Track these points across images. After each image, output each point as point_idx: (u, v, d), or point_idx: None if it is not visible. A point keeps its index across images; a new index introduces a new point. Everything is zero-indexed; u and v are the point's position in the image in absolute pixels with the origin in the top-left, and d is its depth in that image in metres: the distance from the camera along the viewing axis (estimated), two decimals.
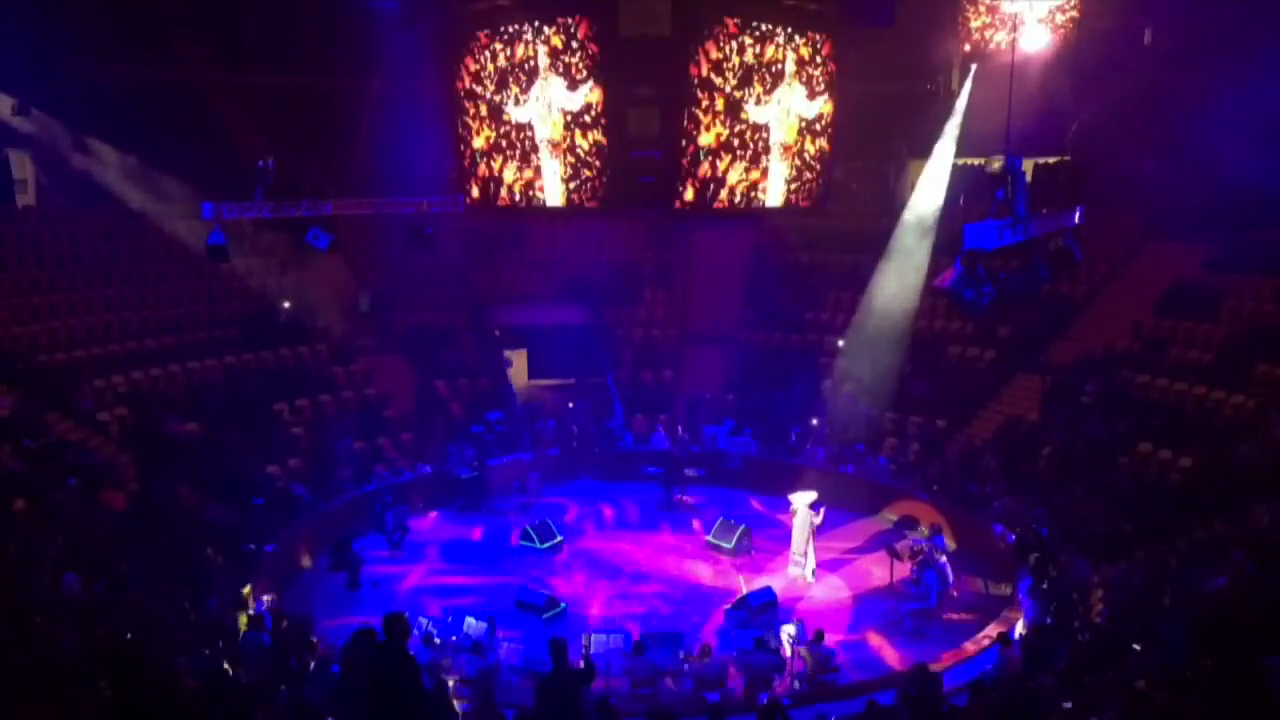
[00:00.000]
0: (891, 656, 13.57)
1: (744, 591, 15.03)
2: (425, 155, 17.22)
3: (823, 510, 16.17)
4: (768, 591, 14.66)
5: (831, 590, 15.82)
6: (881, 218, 23.10)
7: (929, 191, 21.78)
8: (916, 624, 14.31)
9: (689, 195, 12.96)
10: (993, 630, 13.01)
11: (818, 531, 16.16)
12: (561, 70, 12.64)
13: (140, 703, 7.34)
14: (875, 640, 14.12)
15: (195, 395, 18.73)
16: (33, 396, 15.93)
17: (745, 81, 12.79)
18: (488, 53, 13.21)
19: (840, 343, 22.32)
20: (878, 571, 16.26)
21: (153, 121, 19.41)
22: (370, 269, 23.28)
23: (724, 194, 13.27)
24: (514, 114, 13.30)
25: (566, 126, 12.89)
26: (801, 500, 16.14)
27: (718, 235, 24.71)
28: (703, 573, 16.50)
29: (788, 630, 12.93)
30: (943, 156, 21.80)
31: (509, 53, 13.02)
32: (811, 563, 16.06)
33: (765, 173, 13.53)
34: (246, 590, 13.69)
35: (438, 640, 12.70)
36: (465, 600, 14.78)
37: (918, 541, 16.11)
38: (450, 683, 10.98)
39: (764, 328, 23.76)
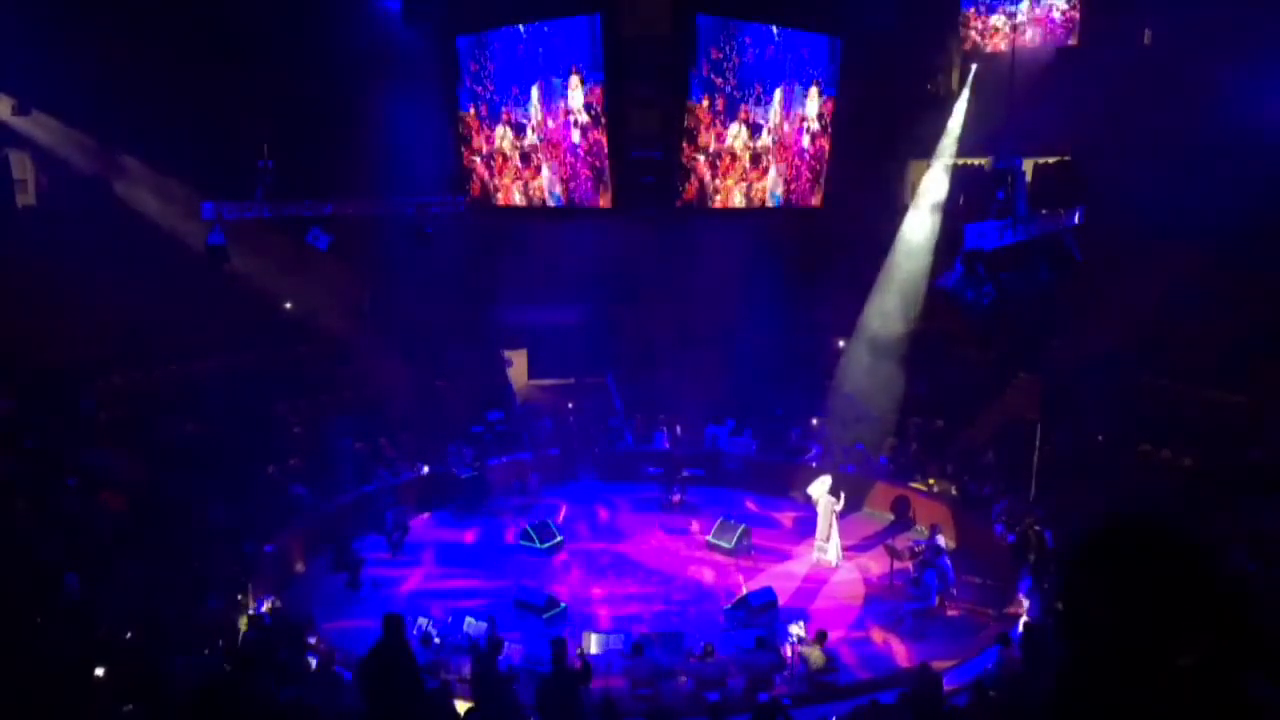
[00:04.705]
0: (899, 653, 13.60)
1: (744, 591, 15.04)
2: (425, 155, 17.21)
3: (843, 493, 16.52)
4: (768, 591, 14.66)
5: (838, 586, 15.87)
6: (882, 218, 23.07)
7: (929, 192, 21.78)
8: (916, 624, 14.31)
9: (689, 195, 12.97)
10: (992, 630, 13.02)
11: (840, 516, 16.53)
12: (563, 70, 12.65)
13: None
14: (879, 637, 14.16)
15: (195, 395, 18.74)
16: (33, 396, 15.93)
17: (745, 82, 12.80)
18: (488, 53, 13.23)
19: (841, 343, 22.30)
20: (875, 567, 16.38)
21: (153, 121, 19.40)
22: (370, 269, 23.26)
23: (724, 194, 13.27)
24: (514, 115, 13.31)
25: (566, 127, 12.89)
26: (819, 489, 16.43)
27: (718, 235, 24.68)
28: (703, 573, 16.50)
29: (795, 629, 12.99)
30: (943, 157, 21.79)
31: (509, 53, 13.04)
32: (836, 547, 16.39)
33: (765, 173, 13.54)
34: (246, 590, 13.69)
35: (437, 640, 12.70)
36: (465, 600, 14.78)
37: (917, 541, 16.15)
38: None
39: (764, 328, 23.74)
